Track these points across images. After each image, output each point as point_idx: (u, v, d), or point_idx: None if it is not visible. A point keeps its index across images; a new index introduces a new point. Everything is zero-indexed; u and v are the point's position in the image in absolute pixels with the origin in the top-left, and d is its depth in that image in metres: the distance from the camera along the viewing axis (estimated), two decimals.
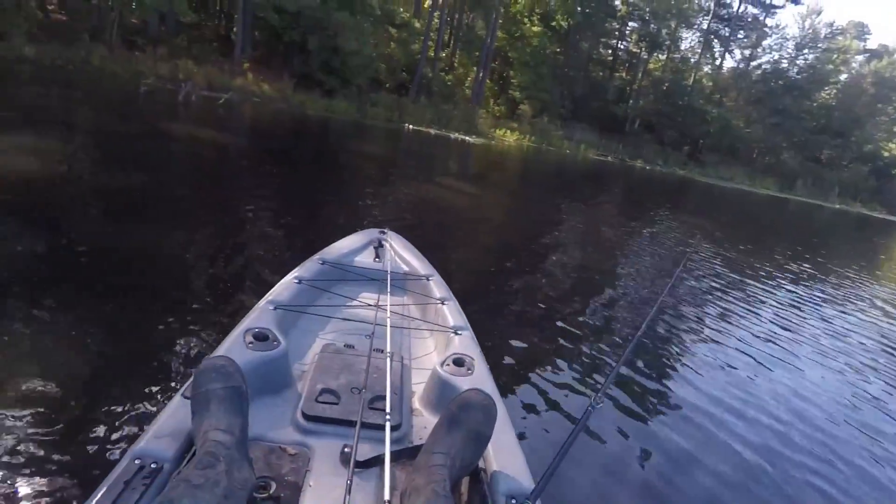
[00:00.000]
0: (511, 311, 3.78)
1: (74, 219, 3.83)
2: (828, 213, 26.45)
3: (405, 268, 2.38)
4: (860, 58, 41.36)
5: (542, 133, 26.72)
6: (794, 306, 5.57)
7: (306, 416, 1.24)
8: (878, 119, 40.94)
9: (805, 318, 5.19)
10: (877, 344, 4.88)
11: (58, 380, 1.94)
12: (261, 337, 1.42)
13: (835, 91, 39.14)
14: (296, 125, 13.81)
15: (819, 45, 37.65)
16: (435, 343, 1.84)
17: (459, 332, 1.75)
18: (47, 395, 1.86)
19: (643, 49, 35.90)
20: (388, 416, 1.19)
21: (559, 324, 3.67)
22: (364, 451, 1.14)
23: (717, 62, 39.10)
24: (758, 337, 4.29)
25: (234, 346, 1.37)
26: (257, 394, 1.27)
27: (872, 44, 45.86)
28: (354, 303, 2.01)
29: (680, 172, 30.03)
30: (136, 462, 1.00)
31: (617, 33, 35.08)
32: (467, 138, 20.87)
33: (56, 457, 1.61)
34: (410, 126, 19.61)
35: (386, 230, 2.73)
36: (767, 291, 6.01)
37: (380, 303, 1.88)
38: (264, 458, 1.12)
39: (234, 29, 19.24)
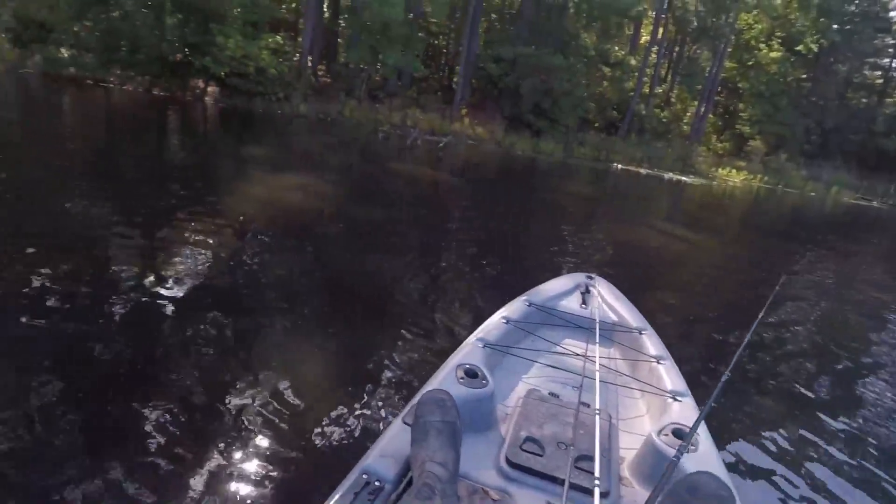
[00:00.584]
0: (738, 380, 3.19)
1: (321, 247, 4.55)
2: None
3: (614, 317, 2.24)
4: None
5: (777, 172, 22.99)
6: None
7: (510, 463, 1.22)
8: None
9: None
10: None
11: (289, 391, 2.21)
12: (471, 374, 1.44)
13: None
14: (504, 165, 14.47)
15: None
16: (647, 406, 1.69)
17: (679, 399, 1.57)
18: (281, 404, 2.12)
19: None
20: (597, 482, 1.10)
21: (801, 400, 3.03)
22: None
23: None
24: None
25: (446, 380, 1.41)
26: (465, 430, 1.27)
27: None
28: (559, 349, 1.94)
29: None
30: (364, 477, 1.06)
31: (891, 50, 28.59)
32: (683, 178, 19.12)
33: (286, 462, 1.81)
34: (619, 165, 18.84)
35: (593, 275, 2.63)
36: None
37: (587, 353, 1.80)
38: (468, 497, 1.12)
39: (455, 79, 21.30)
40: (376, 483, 1.05)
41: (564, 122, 19.45)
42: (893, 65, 29.20)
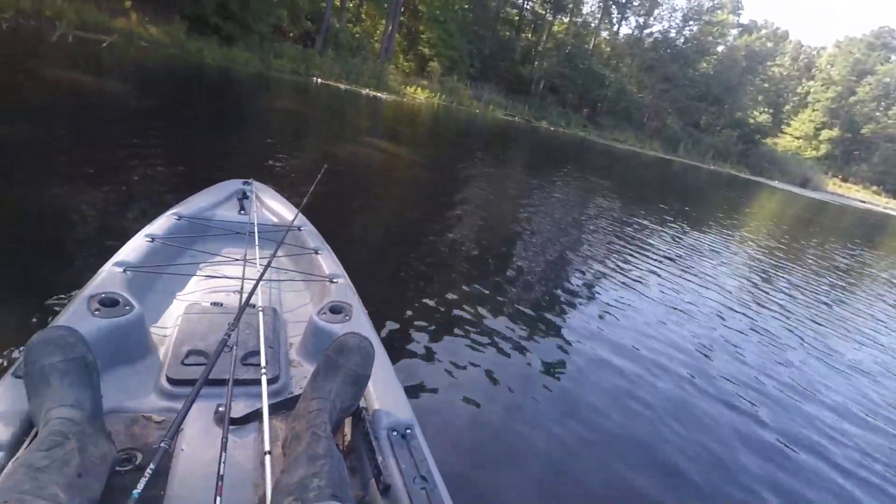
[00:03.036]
0: (397, 262, 3.89)
1: None
2: (704, 174, 29.58)
3: (274, 219, 2.30)
4: (734, 31, 45.65)
5: (451, 91, 26.87)
6: (682, 252, 6.50)
7: (172, 381, 1.18)
8: (747, 89, 46.02)
9: (687, 258, 6.11)
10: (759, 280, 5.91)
11: None
12: (109, 302, 1.29)
13: (714, 61, 43.14)
14: (194, 75, 12.79)
15: (702, 18, 40.93)
16: (310, 293, 1.81)
17: (335, 281, 1.73)
18: None
19: (548, 10, 36.83)
20: (263, 370, 1.18)
21: (443, 274, 3.84)
22: (240, 409, 1.12)
23: (615, 28, 41.23)
24: (648, 281, 5.04)
25: (76, 315, 1.23)
26: (111, 364, 1.18)
27: (745, 19, 50.86)
28: (219, 259, 1.89)
29: (580, 134, 31.84)
30: None
31: None
32: (379, 95, 20.52)
33: None
34: (319, 80, 18.87)
35: (251, 180, 2.57)
36: (661, 241, 6.91)
37: (248, 257, 1.77)
38: (126, 429, 1.04)
39: None
40: None
41: (257, 29, 18.06)
42: (526, 5, 36.48)
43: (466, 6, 30.55)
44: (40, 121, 5.31)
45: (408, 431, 1.12)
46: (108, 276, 1.47)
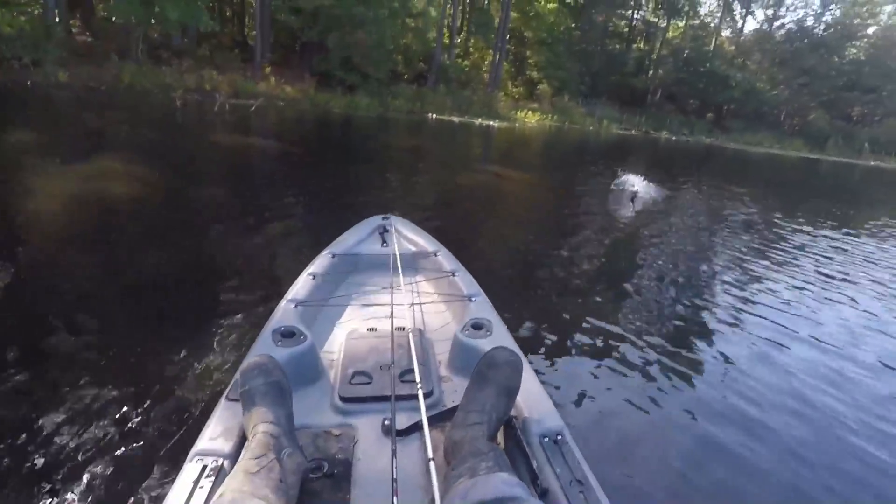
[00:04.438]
0: (528, 278, 3.99)
1: (136, 239, 4.01)
2: (861, 171, 25.53)
3: (412, 248, 2.47)
4: (889, 8, 39.45)
5: (563, 112, 26.44)
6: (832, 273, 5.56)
7: (343, 399, 1.33)
8: None
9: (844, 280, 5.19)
10: None
11: (112, 394, 2.02)
12: (288, 334, 1.48)
13: (865, 45, 37.57)
14: (322, 125, 14.01)
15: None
16: (452, 313, 1.92)
17: (474, 300, 1.84)
18: (105, 410, 1.95)
19: (661, 17, 35.02)
20: (419, 386, 1.28)
21: (575, 287, 3.97)
22: (402, 421, 1.23)
23: (739, 25, 37.91)
24: (798, 302, 4.33)
25: (264, 346, 1.43)
26: (294, 386, 1.33)
27: None
28: (369, 288, 2.09)
29: (706, 141, 29.40)
30: (200, 462, 1.05)
31: (633, 3, 34.24)
32: (491, 123, 20.81)
33: (115, 465, 1.67)
34: (434, 115, 19.65)
35: (389, 215, 2.79)
36: (804, 254, 5.99)
37: (393, 285, 1.93)
38: (313, 442, 1.19)
39: (252, 33, 19.46)
40: (213, 463, 1.05)
41: (376, 75, 19.39)
42: (635, 15, 35.07)
43: (573, 25, 30.14)
44: (213, 180, 6.14)
45: (559, 437, 1.15)
46: (284, 311, 1.69)
